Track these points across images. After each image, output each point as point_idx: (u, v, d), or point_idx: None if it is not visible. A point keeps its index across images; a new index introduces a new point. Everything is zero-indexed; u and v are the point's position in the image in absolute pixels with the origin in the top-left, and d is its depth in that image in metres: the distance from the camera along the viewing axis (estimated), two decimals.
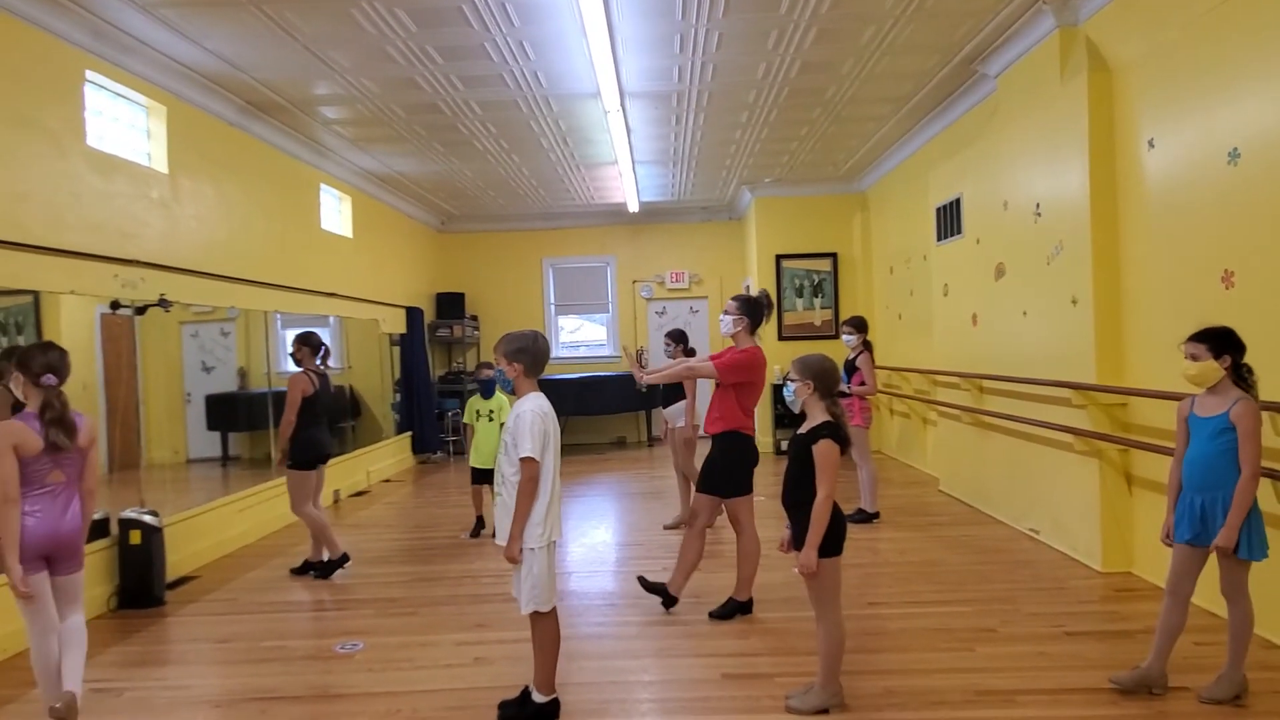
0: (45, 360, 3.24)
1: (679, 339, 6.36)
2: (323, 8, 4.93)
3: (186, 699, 3.51)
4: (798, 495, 3.17)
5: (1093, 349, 4.82)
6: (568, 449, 6.54)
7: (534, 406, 3.11)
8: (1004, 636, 3.89)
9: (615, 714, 3.27)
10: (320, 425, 5.48)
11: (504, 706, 3.23)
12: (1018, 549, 5.42)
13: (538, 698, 3.18)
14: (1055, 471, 5.34)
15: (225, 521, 6.17)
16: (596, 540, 6.20)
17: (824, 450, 3.10)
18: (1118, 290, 4.78)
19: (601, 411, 11.38)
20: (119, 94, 5.43)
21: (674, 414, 6.42)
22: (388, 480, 9.38)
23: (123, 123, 5.51)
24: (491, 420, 6.35)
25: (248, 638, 4.29)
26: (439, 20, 5.18)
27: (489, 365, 6.54)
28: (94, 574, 4.71)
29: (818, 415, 3.18)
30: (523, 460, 3.04)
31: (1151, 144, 4.44)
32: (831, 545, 3.13)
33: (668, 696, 3.44)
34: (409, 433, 10.54)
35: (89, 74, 5.02)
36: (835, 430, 3.12)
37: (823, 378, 3.18)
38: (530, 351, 3.16)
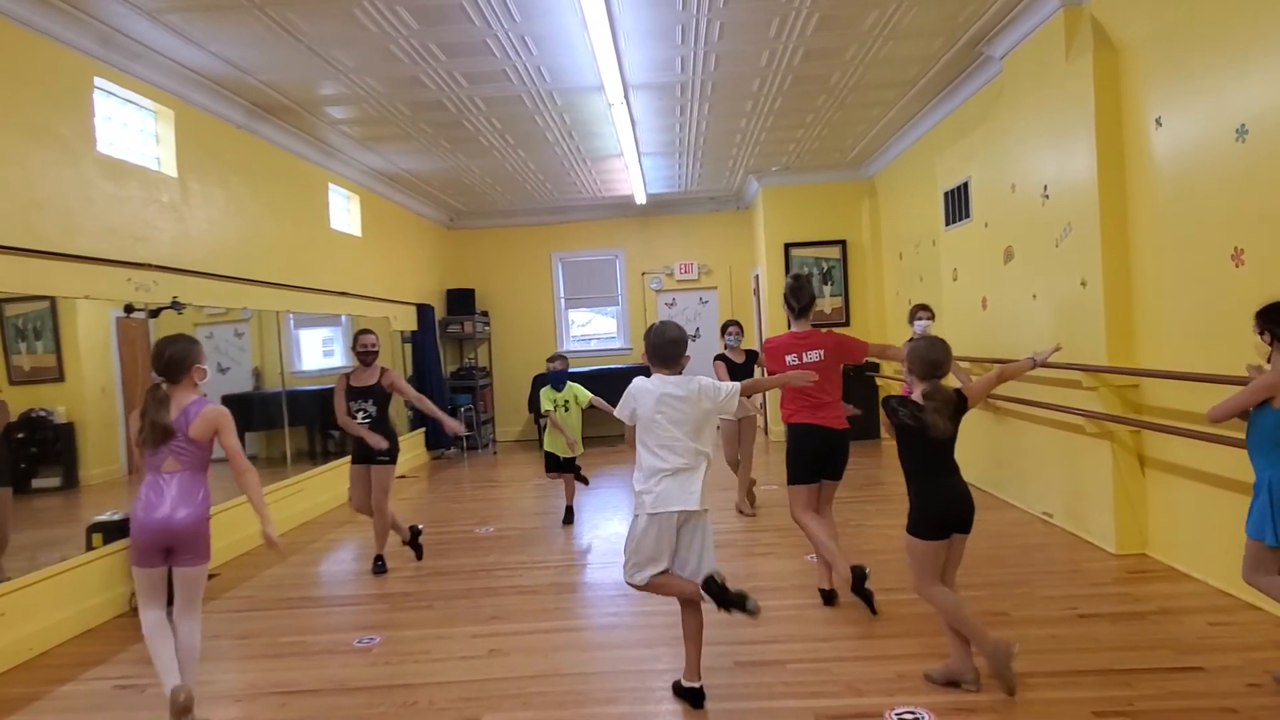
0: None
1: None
2: (325, 9, 4.95)
3: (209, 693, 3.57)
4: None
5: (1103, 330, 4.80)
6: (582, 441, 6.59)
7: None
8: (1016, 620, 3.89)
9: (629, 702, 3.31)
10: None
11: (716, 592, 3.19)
12: (1031, 533, 5.41)
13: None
14: (1067, 454, 5.32)
15: (243, 520, 6.22)
16: (609, 532, 6.23)
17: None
18: (1127, 271, 4.75)
19: (614, 403, 11.37)
20: (127, 99, 5.48)
21: (745, 403, 6.33)
22: (402, 476, 9.44)
23: (132, 128, 5.57)
24: (568, 410, 6.48)
25: (267, 633, 4.36)
26: (441, 18, 5.20)
27: (560, 357, 6.61)
28: (116, 572, 4.80)
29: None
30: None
31: (1159, 122, 4.40)
32: (914, 526, 3.25)
33: None
34: (422, 429, 10.62)
35: (97, 80, 5.08)
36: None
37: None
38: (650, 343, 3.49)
